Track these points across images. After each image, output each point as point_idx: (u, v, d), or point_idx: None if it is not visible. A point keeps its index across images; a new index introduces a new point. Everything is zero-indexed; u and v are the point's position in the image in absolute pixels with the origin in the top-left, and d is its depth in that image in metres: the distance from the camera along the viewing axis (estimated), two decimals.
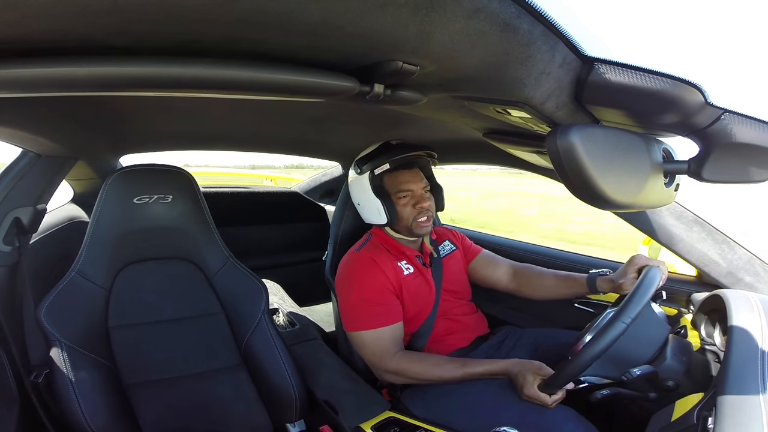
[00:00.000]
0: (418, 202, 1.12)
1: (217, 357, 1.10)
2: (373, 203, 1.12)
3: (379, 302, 1.08)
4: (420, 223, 1.13)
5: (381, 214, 1.12)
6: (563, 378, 0.81)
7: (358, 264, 1.13)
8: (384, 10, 0.34)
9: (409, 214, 1.12)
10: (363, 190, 1.14)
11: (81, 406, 0.82)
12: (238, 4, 0.32)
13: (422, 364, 1.03)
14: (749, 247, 0.96)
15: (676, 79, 0.44)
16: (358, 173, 1.16)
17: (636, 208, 0.57)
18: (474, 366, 0.99)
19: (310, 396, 1.07)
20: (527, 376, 0.89)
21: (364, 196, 1.15)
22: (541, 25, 0.40)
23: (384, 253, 1.14)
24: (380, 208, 1.11)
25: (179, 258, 1.14)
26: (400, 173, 1.14)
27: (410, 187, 1.13)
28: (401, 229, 1.16)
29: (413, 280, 1.15)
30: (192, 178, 1.12)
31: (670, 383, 0.78)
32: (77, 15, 0.32)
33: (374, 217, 1.15)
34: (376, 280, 1.09)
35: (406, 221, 1.13)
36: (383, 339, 1.06)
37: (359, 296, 1.08)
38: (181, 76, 0.41)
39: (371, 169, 1.13)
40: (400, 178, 1.13)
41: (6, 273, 0.96)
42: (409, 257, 1.17)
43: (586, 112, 0.55)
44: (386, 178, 1.14)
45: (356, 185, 1.18)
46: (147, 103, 0.89)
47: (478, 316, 1.26)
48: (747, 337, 0.66)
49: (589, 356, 0.75)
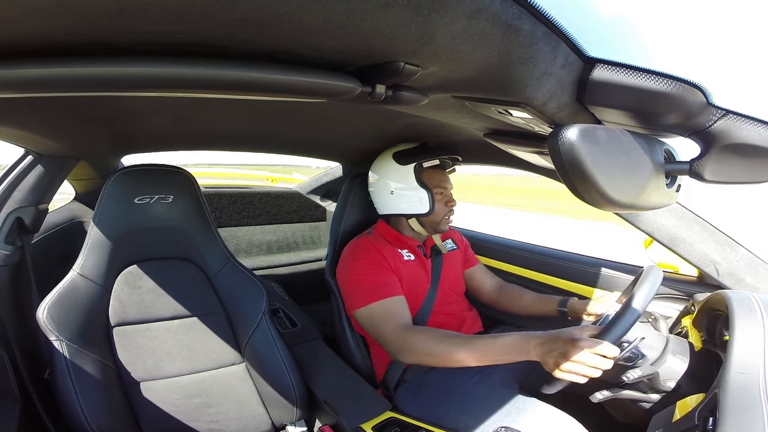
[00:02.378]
0: (449, 200, 1.22)
1: (218, 357, 1.10)
2: (416, 192, 1.18)
3: (380, 277, 1.12)
4: (447, 221, 1.22)
5: (423, 204, 1.18)
6: (618, 329, 0.73)
7: (357, 248, 1.19)
8: (386, 11, 0.34)
9: (441, 210, 1.20)
10: (405, 179, 1.20)
11: (82, 405, 0.83)
12: (240, 4, 0.32)
13: (440, 343, 0.95)
14: (750, 247, 0.96)
15: (678, 79, 0.44)
16: (401, 164, 1.21)
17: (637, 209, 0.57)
18: (495, 353, 0.87)
19: (311, 396, 1.07)
20: (573, 333, 0.77)
21: (405, 185, 1.20)
22: (543, 25, 0.40)
23: (384, 242, 1.21)
24: (424, 198, 1.18)
25: (180, 258, 1.14)
26: (440, 172, 1.23)
27: (446, 185, 1.23)
28: (427, 223, 1.22)
29: (413, 267, 1.20)
30: (193, 178, 1.13)
31: (672, 384, 0.78)
32: (80, 15, 0.32)
33: (413, 205, 1.19)
34: (374, 259, 1.15)
35: (437, 216, 1.20)
36: (389, 308, 1.07)
37: (359, 275, 1.13)
38: (183, 76, 0.41)
39: (419, 162, 1.19)
40: (440, 176, 1.22)
41: (8, 273, 0.96)
42: (410, 246, 1.23)
43: (588, 112, 0.55)
44: (427, 174, 1.21)
45: (395, 175, 1.22)
46: (148, 103, 0.89)
47: (474, 314, 1.29)
48: (748, 338, 0.66)
49: (636, 308, 0.73)
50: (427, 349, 0.96)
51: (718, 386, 0.61)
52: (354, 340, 1.25)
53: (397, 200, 1.22)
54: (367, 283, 1.11)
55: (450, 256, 1.33)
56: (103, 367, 0.92)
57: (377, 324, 1.06)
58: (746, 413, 0.54)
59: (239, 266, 1.16)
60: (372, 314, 1.08)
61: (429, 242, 1.29)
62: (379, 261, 1.15)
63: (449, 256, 1.32)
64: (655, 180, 0.50)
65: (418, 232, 1.25)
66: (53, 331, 0.85)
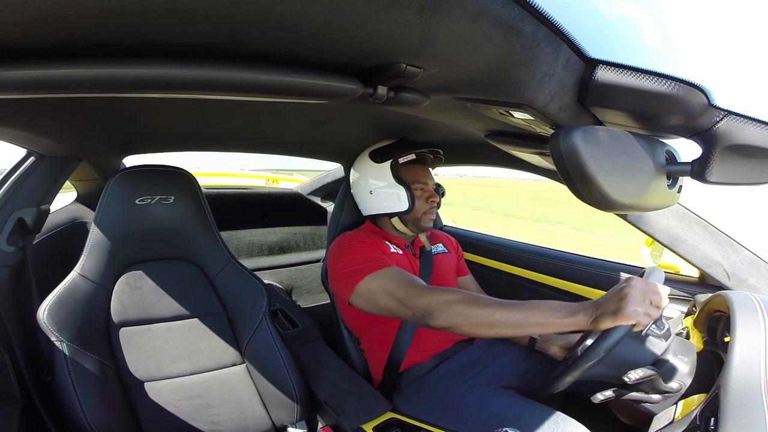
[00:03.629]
0: (430, 196, 1.18)
1: (219, 358, 1.10)
2: (394, 190, 1.16)
3: (373, 254, 1.07)
4: (429, 217, 1.19)
5: (402, 201, 1.15)
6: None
7: (344, 240, 1.16)
8: (388, 13, 0.34)
9: (422, 207, 1.17)
10: (382, 177, 1.17)
11: (82, 406, 0.83)
12: (243, 6, 0.32)
13: (475, 302, 0.84)
14: (752, 248, 0.96)
15: (680, 81, 0.44)
16: (377, 162, 1.18)
17: (639, 210, 0.57)
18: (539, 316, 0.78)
19: (312, 397, 1.07)
20: (619, 285, 0.74)
21: (382, 183, 1.18)
22: (545, 27, 0.40)
23: (371, 234, 1.18)
24: (402, 195, 1.15)
25: (181, 259, 1.14)
26: (419, 167, 1.21)
27: (426, 180, 1.19)
28: (409, 220, 1.19)
29: (400, 259, 1.16)
30: (194, 179, 1.13)
31: (673, 384, 0.78)
32: (85, 16, 0.33)
33: (392, 204, 1.16)
34: (363, 241, 1.13)
35: (417, 213, 1.17)
36: (395, 274, 0.99)
37: (351, 254, 1.07)
38: (186, 77, 0.41)
39: (395, 158, 1.16)
40: (418, 172, 1.19)
41: (9, 273, 0.96)
42: (398, 245, 1.20)
43: (589, 113, 0.55)
44: (405, 170, 1.18)
45: (372, 174, 1.20)
46: (150, 104, 0.90)
47: None
48: (750, 339, 0.66)
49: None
50: (460, 310, 0.83)
51: (720, 387, 0.61)
52: (351, 344, 1.25)
53: (377, 199, 1.19)
54: (361, 259, 1.04)
55: (441, 258, 1.29)
56: (104, 368, 0.92)
57: (387, 289, 0.95)
58: (747, 414, 0.54)
59: (240, 267, 1.16)
60: (374, 284, 0.97)
61: (417, 242, 1.26)
62: (368, 242, 1.12)
63: (440, 259, 1.29)
64: (657, 181, 0.50)
65: (403, 231, 1.22)
66: (54, 331, 0.85)
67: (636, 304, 0.69)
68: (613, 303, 0.71)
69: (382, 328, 1.14)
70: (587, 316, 0.74)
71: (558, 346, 1.07)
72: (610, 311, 0.71)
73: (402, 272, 1.00)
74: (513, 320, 0.80)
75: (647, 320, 0.69)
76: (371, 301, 0.99)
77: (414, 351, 1.13)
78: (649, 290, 0.71)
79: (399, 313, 0.94)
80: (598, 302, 0.75)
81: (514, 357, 1.13)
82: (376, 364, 1.18)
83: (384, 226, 1.24)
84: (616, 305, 0.70)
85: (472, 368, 1.10)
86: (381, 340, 1.15)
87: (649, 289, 0.71)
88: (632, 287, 0.71)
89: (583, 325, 0.74)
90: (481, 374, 1.08)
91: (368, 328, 1.18)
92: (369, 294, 0.99)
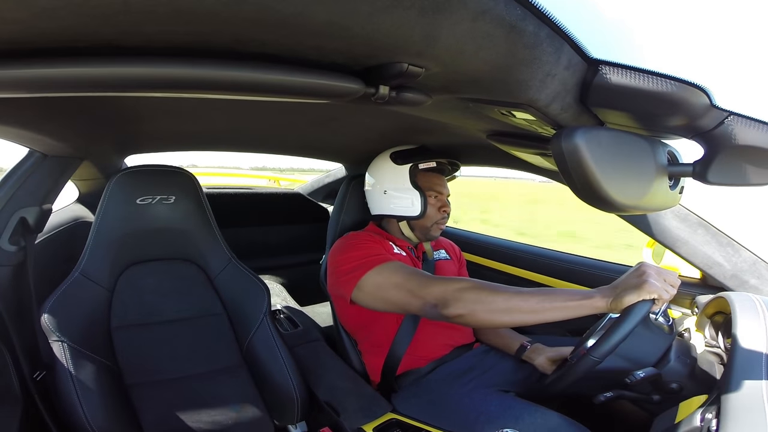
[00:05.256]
0: (443, 206, 1.18)
1: (219, 358, 1.10)
2: (409, 194, 1.15)
3: (376, 250, 1.06)
4: (439, 226, 1.18)
5: (414, 206, 1.14)
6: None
7: (349, 237, 1.15)
8: (390, 12, 0.34)
9: (433, 215, 1.17)
10: (399, 180, 1.17)
11: (83, 406, 0.83)
12: (246, 5, 0.33)
13: (490, 288, 0.83)
14: (754, 249, 0.96)
15: (682, 81, 0.44)
16: (397, 164, 1.18)
17: (640, 211, 0.57)
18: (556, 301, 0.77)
19: (312, 397, 1.07)
20: (635, 268, 0.76)
21: (398, 185, 1.17)
22: (547, 27, 0.40)
23: (374, 234, 1.18)
24: (415, 200, 1.14)
25: (182, 259, 1.14)
26: (436, 176, 1.21)
27: (442, 189, 1.19)
28: (417, 227, 1.18)
29: (403, 259, 1.15)
30: (195, 179, 1.13)
31: (674, 385, 0.78)
32: (87, 15, 0.33)
33: (404, 207, 1.16)
34: (365, 239, 1.12)
35: (428, 220, 1.17)
36: (400, 267, 0.97)
37: (353, 251, 1.06)
38: (189, 76, 0.41)
39: (415, 163, 1.16)
40: (435, 180, 1.19)
41: (11, 272, 0.96)
42: (401, 246, 1.19)
43: (591, 114, 0.55)
44: (422, 176, 1.18)
45: (390, 175, 1.19)
46: (152, 104, 0.90)
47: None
48: (751, 340, 0.66)
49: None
50: (476, 296, 0.81)
51: (721, 388, 0.61)
52: (350, 345, 1.24)
53: (389, 200, 1.19)
54: (365, 254, 1.02)
55: (443, 264, 1.29)
56: (105, 367, 0.92)
57: (395, 280, 0.92)
58: (749, 415, 0.54)
59: (241, 267, 1.16)
60: (381, 276, 0.95)
61: (420, 248, 1.25)
62: (371, 240, 1.12)
63: (442, 265, 1.28)
64: (659, 182, 0.50)
65: (408, 237, 1.21)
66: (54, 331, 0.85)
67: (655, 279, 0.72)
68: (633, 279, 0.73)
69: (380, 329, 1.14)
70: (605, 298, 0.74)
71: (546, 357, 1.03)
72: (632, 286, 0.72)
73: (407, 266, 1.00)
74: (530, 305, 0.78)
75: (667, 296, 0.71)
76: (377, 294, 0.96)
77: (411, 357, 1.12)
78: (663, 271, 0.74)
79: (408, 305, 0.91)
80: (615, 284, 0.76)
81: (513, 363, 1.12)
82: (374, 366, 1.17)
83: (390, 229, 1.23)
84: (636, 281, 0.72)
85: (470, 372, 1.09)
86: (379, 342, 1.15)
87: (662, 270, 0.74)
88: (648, 266, 0.74)
89: (601, 307, 0.75)
90: (480, 378, 1.07)
91: (366, 330, 1.18)
92: (375, 287, 0.96)
